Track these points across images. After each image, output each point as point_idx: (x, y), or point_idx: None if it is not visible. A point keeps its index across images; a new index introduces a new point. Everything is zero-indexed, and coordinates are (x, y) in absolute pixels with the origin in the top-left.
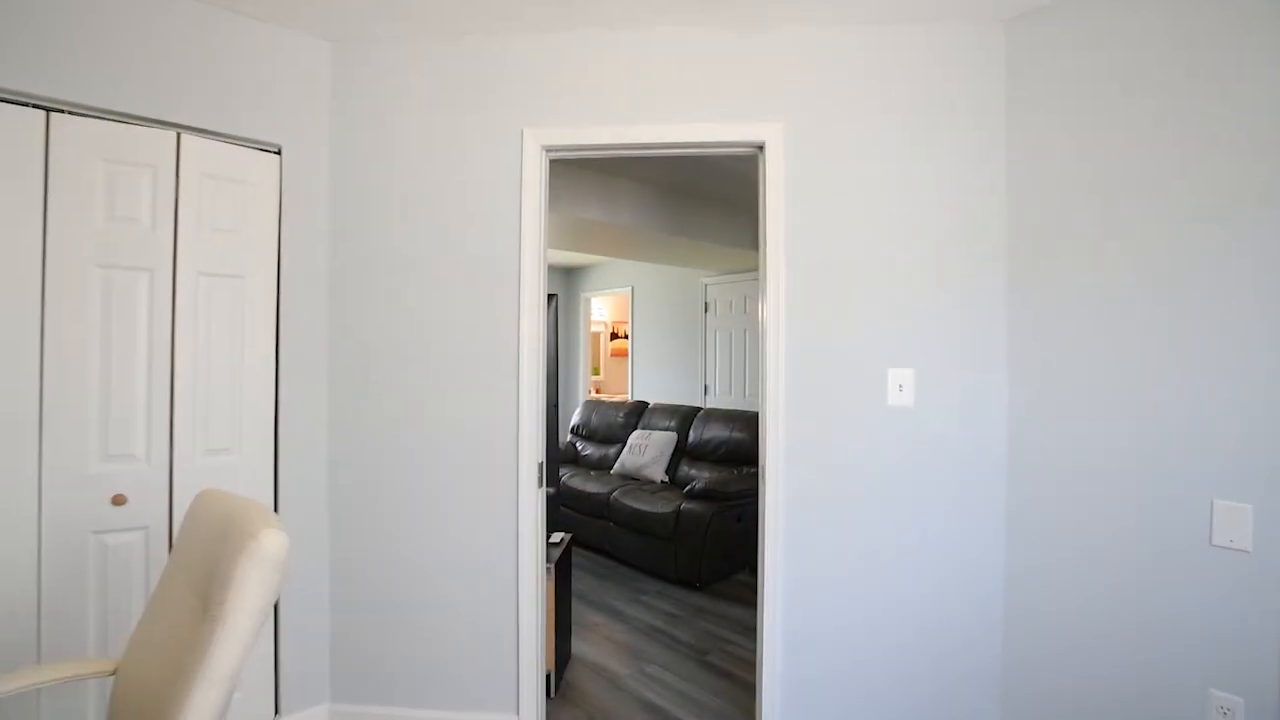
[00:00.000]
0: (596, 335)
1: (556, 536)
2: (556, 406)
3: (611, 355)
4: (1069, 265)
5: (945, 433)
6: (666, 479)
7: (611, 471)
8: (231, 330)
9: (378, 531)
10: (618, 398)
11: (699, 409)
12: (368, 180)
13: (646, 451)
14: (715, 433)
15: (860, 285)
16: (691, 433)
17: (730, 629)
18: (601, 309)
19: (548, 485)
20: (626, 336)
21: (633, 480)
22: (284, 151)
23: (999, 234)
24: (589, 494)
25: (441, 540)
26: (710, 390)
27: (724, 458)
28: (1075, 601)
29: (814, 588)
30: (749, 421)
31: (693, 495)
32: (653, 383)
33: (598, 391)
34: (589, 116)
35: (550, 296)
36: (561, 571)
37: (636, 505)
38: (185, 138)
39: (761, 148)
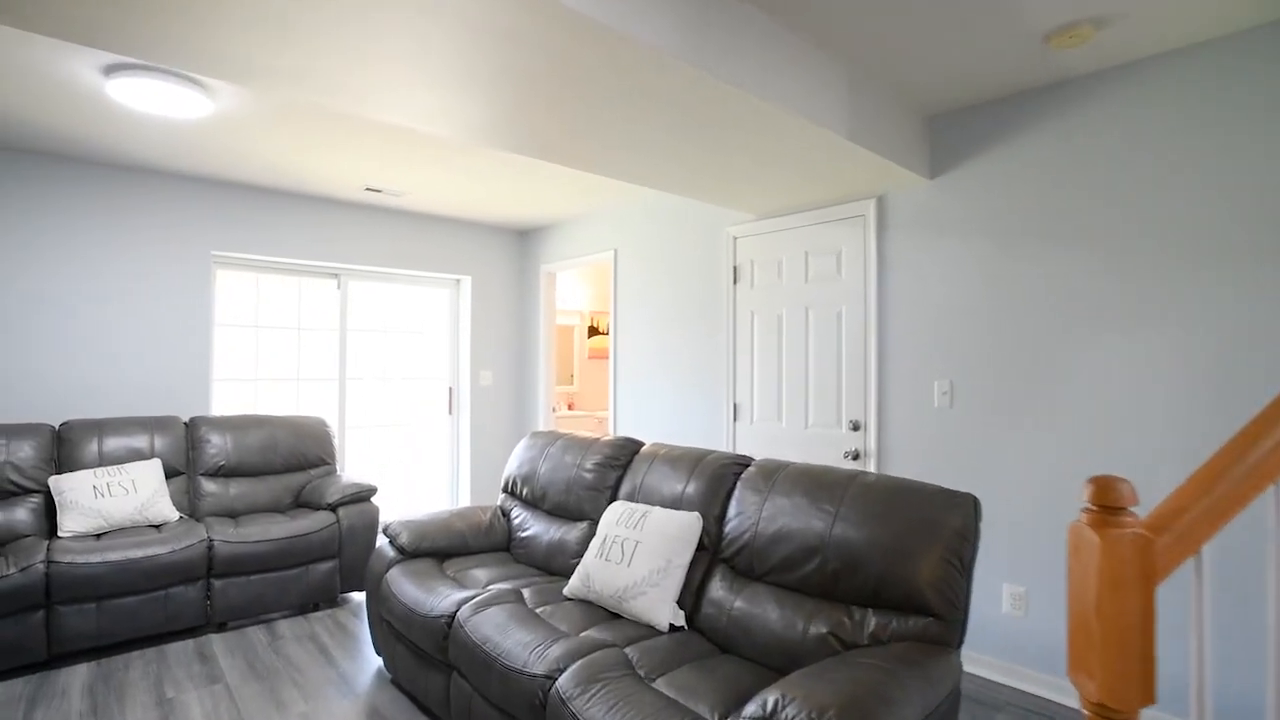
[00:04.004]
0: (569, 330)
1: None
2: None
3: (590, 357)
4: None
5: None
6: (681, 623)
7: (566, 594)
8: None
9: None
10: (590, 424)
11: (745, 462)
12: None
13: (638, 555)
14: (789, 520)
15: None
16: (732, 515)
17: None
18: (578, 294)
19: None
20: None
21: (607, 620)
22: None
23: None
24: (506, 670)
25: None
26: (743, 413)
27: (815, 583)
28: None
29: None
30: (884, 499)
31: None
32: (648, 401)
33: (570, 408)
34: None
35: None
36: None
37: None
38: None
39: None
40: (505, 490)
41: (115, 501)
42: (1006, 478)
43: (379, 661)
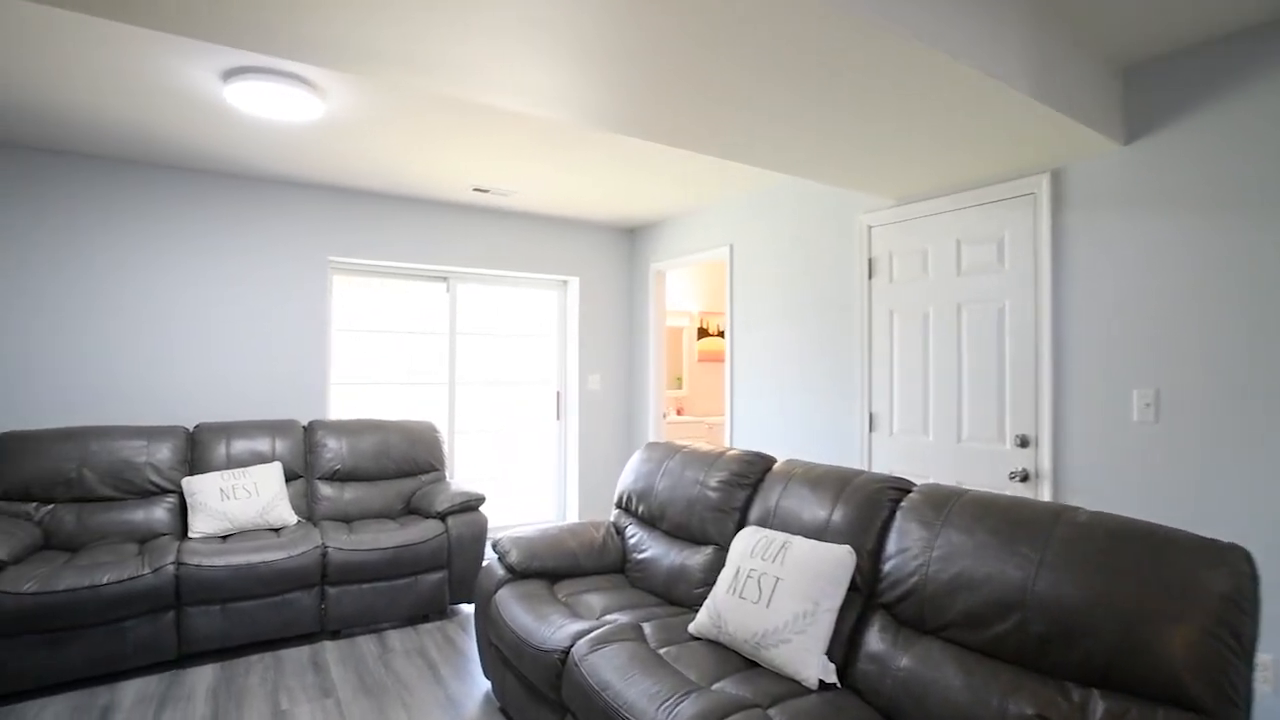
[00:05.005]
0: (678, 331)
1: None
2: None
3: (700, 360)
4: None
5: None
6: (832, 679)
7: (692, 632)
8: None
9: None
10: (700, 431)
11: (904, 487)
12: None
13: (778, 594)
14: (971, 564)
15: None
16: (892, 552)
17: None
18: (687, 294)
19: None
20: (723, 334)
21: (743, 669)
22: None
23: None
24: None
25: None
26: (881, 423)
27: (1013, 647)
28: None
29: None
30: (1110, 547)
31: None
32: (768, 409)
33: (679, 413)
34: None
35: None
36: None
37: None
38: None
39: None
40: (619, 506)
41: (239, 504)
42: (1239, 514)
43: (487, 685)
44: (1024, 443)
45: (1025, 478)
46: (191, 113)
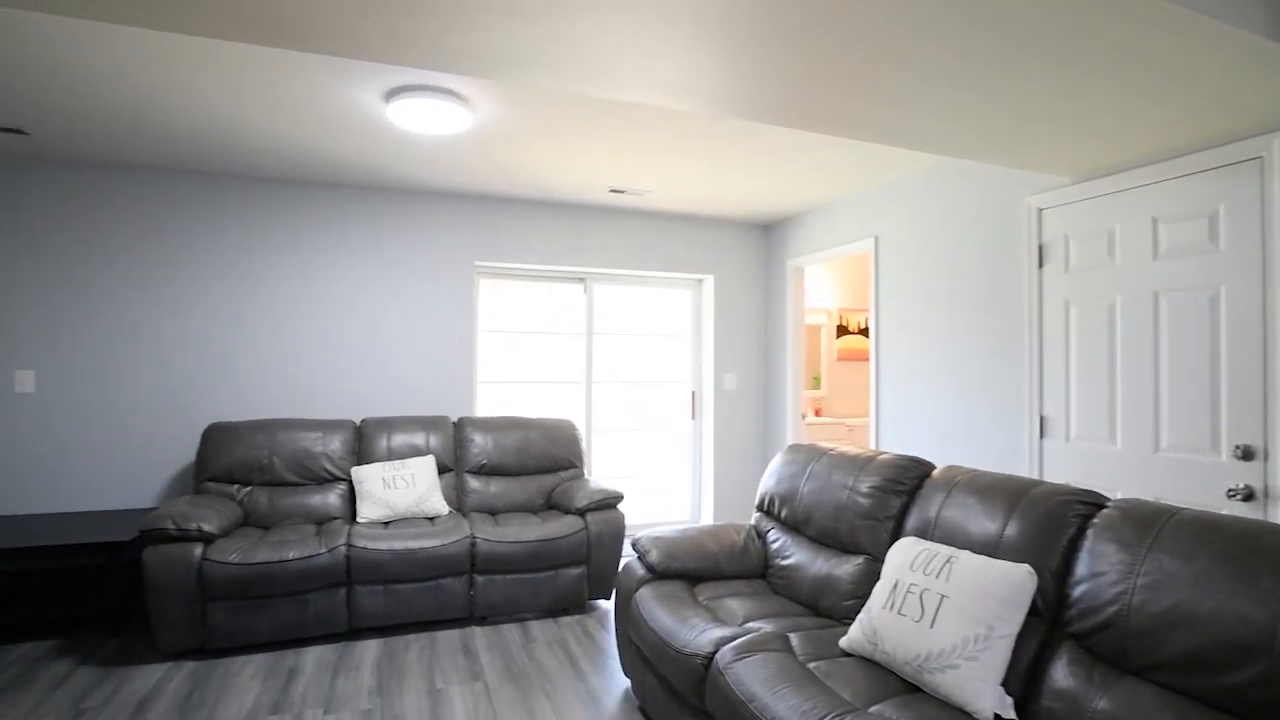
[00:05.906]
0: (815, 329)
1: None
2: None
3: (839, 359)
4: None
5: None
6: (1010, 715)
7: (843, 647)
8: None
9: None
10: (840, 433)
11: (1096, 501)
12: None
13: (944, 613)
14: (1190, 597)
15: None
16: (1083, 575)
17: None
18: (825, 290)
19: None
20: (864, 331)
21: (903, 693)
22: None
23: None
24: None
25: None
26: (1054, 428)
27: (1254, 703)
28: None
29: None
30: None
31: None
32: (917, 411)
33: (817, 414)
34: None
35: None
36: None
37: None
38: None
39: None
40: (760, 509)
41: (399, 493)
42: None
43: (626, 684)
44: (1247, 455)
45: (1249, 496)
46: (361, 133)
